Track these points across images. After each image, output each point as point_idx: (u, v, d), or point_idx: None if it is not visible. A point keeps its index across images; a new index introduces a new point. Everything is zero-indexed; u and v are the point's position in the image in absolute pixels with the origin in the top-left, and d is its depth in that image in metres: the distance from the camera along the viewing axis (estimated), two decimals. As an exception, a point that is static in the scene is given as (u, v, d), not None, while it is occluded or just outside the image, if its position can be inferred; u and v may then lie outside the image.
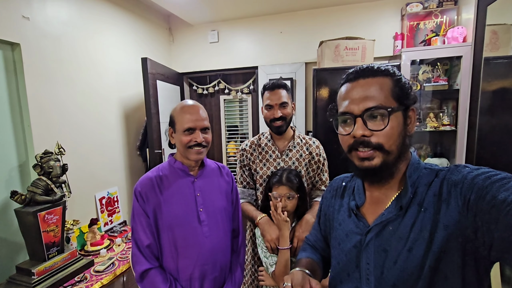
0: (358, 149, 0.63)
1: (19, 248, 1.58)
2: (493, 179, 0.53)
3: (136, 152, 2.60)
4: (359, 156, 0.64)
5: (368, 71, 0.65)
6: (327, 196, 0.87)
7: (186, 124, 1.06)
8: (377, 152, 0.62)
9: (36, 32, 1.68)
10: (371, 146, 0.62)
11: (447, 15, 2.36)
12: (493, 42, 1.37)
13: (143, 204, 1.06)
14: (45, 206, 1.44)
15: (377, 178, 0.66)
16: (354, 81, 0.66)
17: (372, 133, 0.61)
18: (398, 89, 0.63)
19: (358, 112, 0.63)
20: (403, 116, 0.63)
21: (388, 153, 0.62)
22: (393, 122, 0.61)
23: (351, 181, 0.81)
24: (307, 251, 0.91)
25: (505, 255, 0.49)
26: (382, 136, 0.61)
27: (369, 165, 0.63)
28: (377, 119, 0.62)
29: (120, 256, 1.77)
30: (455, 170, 0.60)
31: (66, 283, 1.47)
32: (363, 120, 0.62)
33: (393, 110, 0.61)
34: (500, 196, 0.49)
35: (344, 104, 0.66)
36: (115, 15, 2.35)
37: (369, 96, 0.62)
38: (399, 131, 0.63)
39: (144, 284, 1.04)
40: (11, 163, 1.59)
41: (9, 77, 1.59)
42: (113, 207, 2.25)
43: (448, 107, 2.31)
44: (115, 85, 2.33)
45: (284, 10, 2.80)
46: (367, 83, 0.64)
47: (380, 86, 0.63)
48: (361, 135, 0.62)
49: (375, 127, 0.61)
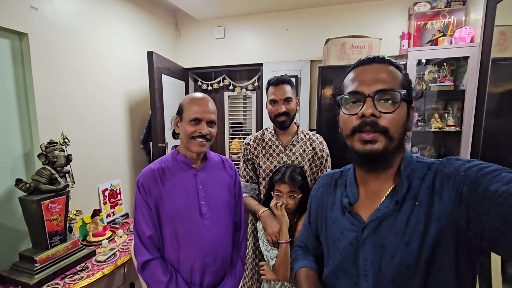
0: (363, 131, 0.63)
1: (22, 236, 1.60)
2: (485, 171, 0.53)
3: (139, 145, 2.61)
4: (362, 139, 0.63)
5: (383, 58, 0.66)
6: (317, 194, 0.86)
7: (193, 114, 1.07)
8: (381, 136, 0.62)
9: (44, 22, 1.69)
10: (377, 128, 0.61)
11: (455, 16, 2.34)
12: (501, 43, 1.36)
13: (145, 195, 1.07)
14: (49, 195, 1.45)
15: (376, 164, 0.66)
16: (368, 64, 0.66)
17: (381, 114, 0.61)
18: (406, 83, 0.65)
19: (370, 92, 0.62)
20: (407, 109, 0.65)
21: (391, 139, 0.62)
22: (400, 109, 0.62)
23: (342, 177, 0.80)
24: (298, 260, 0.90)
25: (496, 244, 0.50)
26: (390, 120, 0.61)
27: (371, 149, 0.62)
28: (387, 103, 0.62)
29: (121, 247, 1.78)
30: (447, 163, 0.61)
31: (68, 272, 1.48)
32: (373, 101, 0.62)
33: (403, 96, 0.62)
34: (491, 187, 0.50)
35: (354, 85, 0.66)
36: (122, 8, 2.35)
37: (382, 79, 0.63)
38: (403, 121, 0.63)
39: (145, 274, 1.04)
40: (16, 152, 1.61)
41: (16, 67, 1.60)
42: (116, 199, 2.27)
43: (453, 108, 2.29)
44: (120, 78, 2.34)
45: (290, 8, 2.79)
46: (380, 68, 0.64)
47: (393, 73, 0.64)
48: (371, 114, 0.61)
49: (384, 110, 0.61)
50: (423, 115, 2.40)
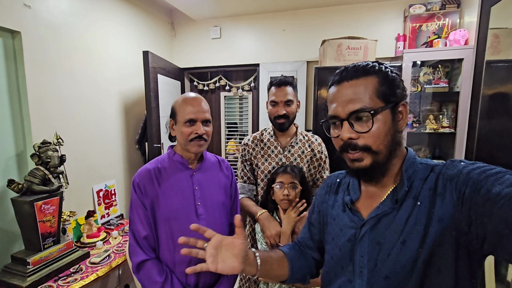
0: (348, 151, 0.65)
1: (14, 237, 1.57)
2: (487, 173, 0.53)
3: (135, 145, 2.59)
4: (349, 158, 0.65)
5: (352, 73, 0.65)
6: (321, 192, 0.87)
7: (188, 116, 1.06)
8: (365, 153, 0.63)
9: (37, 20, 1.67)
10: (358, 148, 0.63)
11: (450, 18, 2.37)
12: (494, 45, 1.38)
13: (141, 195, 1.06)
14: (42, 196, 1.43)
15: (368, 177, 0.67)
16: (339, 84, 0.66)
17: (359, 135, 0.62)
18: (384, 87, 0.63)
19: (344, 115, 0.63)
20: (391, 114, 0.63)
21: (377, 153, 0.63)
22: (378, 123, 0.61)
23: (346, 177, 0.81)
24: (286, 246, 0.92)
25: (497, 248, 0.50)
26: (369, 138, 0.62)
27: (359, 166, 0.64)
28: (363, 121, 0.62)
29: (116, 249, 1.76)
30: (450, 165, 0.61)
31: (61, 274, 1.46)
32: (349, 123, 0.63)
33: (376, 111, 0.61)
34: (494, 189, 0.49)
35: (332, 107, 0.67)
36: (117, 7, 2.33)
37: (354, 98, 0.62)
38: (387, 130, 0.62)
39: (140, 275, 1.04)
40: (9, 152, 1.58)
41: (9, 65, 1.57)
42: (110, 200, 2.25)
43: (448, 110, 2.32)
44: (115, 77, 2.32)
45: (287, 8, 2.80)
46: (351, 85, 0.64)
47: (365, 87, 0.63)
48: (348, 138, 0.63)
49: (361, 129, 0.62)
50: (418, 116, 2.42)
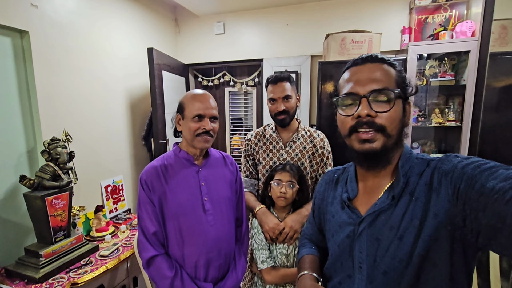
0: (360, 130, 0.64)
1: (27, 231, 1.62)
2: (482, 168, 0.53)
3: (141, 142, 2.63)
4: (360, 138, 0.64)
5: (376, 57, 0.67)
6: (320, 189, 0.88)
7: (196, 111, 1.07)
8: (379, 134, 0.63)
9: (44, 20, 1.70)
10: (374, 127, 0.62)
11: (457, 9, 2.32)
12: (502, 37, 1.35)
13: (148, 192, 1.07)
14: (53, 191, 1.47)
15: (375, 163, 0.67)
16: (361, 65, 0.67)
17: (377, 114, 0.62)
18: (400, 80, 0.66)
19: (364, 92, 0.63)
20: (402, 106, 0.65)
21: (389, 137, 0.63)
22: (396, 107, 0.63)
23: (343, 173, 0.82)
24: (306, 246, 0.93)
25: (492, 241, 0.50)
26: (386, 119, 0.62)
27: (370, 148, 0.63)
28: (382, 101, 0.63)
29: (124, 242, 1.81)
30: (446, 160, 0.61)
31: (72, 266, 1.51)
32: (368, 101, 0.63)
33: (397, 95, 0.62)
34: (488, 184, 0.50)
35: (348, 85, 0.67)
36: (121, 5, 2.35)
37: (376, 79, 0.63)
38: (400, 118, 0.64)
39: (151, 270, 1.05)
40: (20, 149, 1.63)
41: (18, 64, 1.61)
42: (118, 195, 2.29)
43: (454, 103, 2.28)
44: (121, 74, 2.35)
45: (290, 2, 2.78)
46: (374, 67, 0.65)
47: (387, 72, 0.65)
48: (366, 114, 0.62)
49: (380, 109, 0.62)
50: (423, 110, 2.39)
